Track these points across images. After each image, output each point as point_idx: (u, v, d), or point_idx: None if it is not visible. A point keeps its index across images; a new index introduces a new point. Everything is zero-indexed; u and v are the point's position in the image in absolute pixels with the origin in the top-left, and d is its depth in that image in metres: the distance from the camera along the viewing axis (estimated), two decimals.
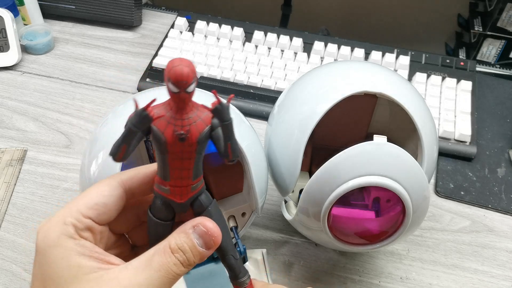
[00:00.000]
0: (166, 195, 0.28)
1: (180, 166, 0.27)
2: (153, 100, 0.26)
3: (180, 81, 0.23)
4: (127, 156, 0.26)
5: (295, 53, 0.74)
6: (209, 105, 0.26)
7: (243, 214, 0.46)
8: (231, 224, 0.46)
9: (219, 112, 0.26)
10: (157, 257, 0.26)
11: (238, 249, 0.46)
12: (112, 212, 0.28)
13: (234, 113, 0.43)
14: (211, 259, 0.47)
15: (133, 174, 0.29)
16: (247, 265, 0.47)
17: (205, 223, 0.27)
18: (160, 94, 0.41)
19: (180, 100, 0.25)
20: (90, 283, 0.25)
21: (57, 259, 0.25)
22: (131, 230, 0.32)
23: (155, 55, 0.74)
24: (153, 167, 0.30)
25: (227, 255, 0.30)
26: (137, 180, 0.29)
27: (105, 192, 0.28)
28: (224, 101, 0.26)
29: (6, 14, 0.72)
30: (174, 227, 0.28)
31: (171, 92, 0.25)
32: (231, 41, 0.75)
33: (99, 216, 0.27)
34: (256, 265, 0.47)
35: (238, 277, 0.31)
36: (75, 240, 0.26)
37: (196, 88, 0.25)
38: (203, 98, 0.30)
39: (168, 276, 0.26)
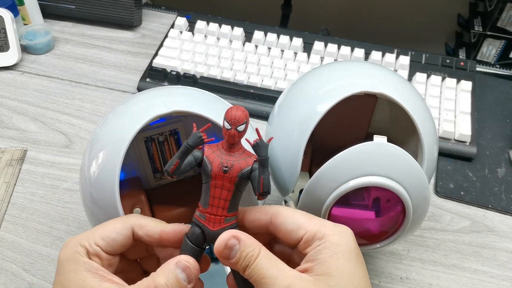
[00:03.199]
0: (202, 221, 0.32)
1: (219, 195, 0.31)
2: (208, 125, 0.31)
3: (233, 119, 0.30)
4: (177, 171, 0.31)
5: (295, 53, 0.74)
6: (252, 141, 0.31)
7: None
8: None
9: (259, 147, 0.31)
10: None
11: None
12: (119, 246, 0.33)
13: None
14: (211, 259, 0.47)
15: (145, 224, 0.33)
16: None
17: (187, 259, 0.31)
18: (160, 95, 0.41)
19: (231, 136, 0.31)
20: None
21: (69, 271, 0.31)
22: (142, 258, 0.36)
23: (155, 55, 0.74)
24: (162, 225, 0.34)
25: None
26: (145, 230, 0.33)
27: (117, 229, 0.33)
28: (264, 140, 0.31)
29: (6, 14, 0.72)
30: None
31: (224, 129, 0.31)
32: (231, 41, 0.75)
33: (106, 247, 0.32)
34: None
35: None
36: (85, 259, 0.31)
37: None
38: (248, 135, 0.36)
39: None
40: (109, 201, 0.38)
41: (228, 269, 0.46)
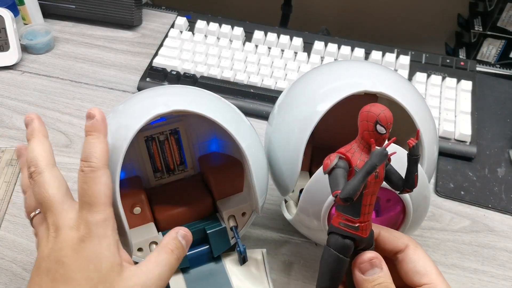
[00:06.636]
0: (355, 232, 0.30)
1: (369, 202, 0.29)
2: (394, 139, 0.28)
3: (389, 123, 0.27)
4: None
5: (295, 53, 0.74)
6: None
7: (243, 214, 0.46)
8: (231, 223, 0.46)
9: (416, 147, 0.29)
10: (163, 256, 0.35)
11: (238, 249, 0.46)
12: None
13: (235, 112, 0.43)
14: (211, 259, 0.47)
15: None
16: (247, 265, 0.47)
17: (182, 231, 0.38)
18: (160, 94, 0.41)
19: (383, 140, 0.28)
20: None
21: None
22: None
23: (155, 54, 0.74)
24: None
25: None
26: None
27: None
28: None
29: (6, 14, 0.72)
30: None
31: (377, 134, 0.28)
32: (231, 41, 0.75)
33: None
34: (256, 265, 0.47)
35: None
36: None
37: None
38: None
39: (171, 269, 0.36)
40: None
41: (228, 271, 0.46)
